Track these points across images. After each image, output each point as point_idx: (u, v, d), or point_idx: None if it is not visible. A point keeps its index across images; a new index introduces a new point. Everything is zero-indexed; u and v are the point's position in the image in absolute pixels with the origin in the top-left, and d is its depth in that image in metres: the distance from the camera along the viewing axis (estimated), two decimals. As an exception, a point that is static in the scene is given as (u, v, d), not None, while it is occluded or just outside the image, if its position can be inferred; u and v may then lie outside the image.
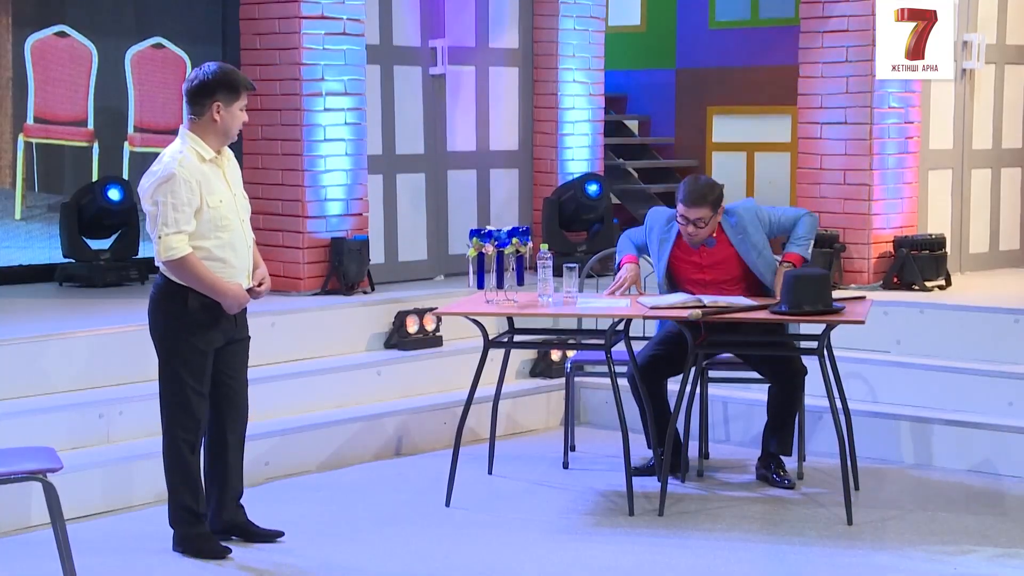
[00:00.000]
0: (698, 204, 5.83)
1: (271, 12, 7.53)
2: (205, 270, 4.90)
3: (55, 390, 6.05)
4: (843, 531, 5.46)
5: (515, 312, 5.78)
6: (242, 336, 5.17)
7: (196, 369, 4.98)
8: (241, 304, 5.02)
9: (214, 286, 4.92)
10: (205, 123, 4.96)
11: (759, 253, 5.96)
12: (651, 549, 5.24)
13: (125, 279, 7.92)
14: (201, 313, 4.95)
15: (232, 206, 5.01)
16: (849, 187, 7.83)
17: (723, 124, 10.67)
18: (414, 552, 5.22)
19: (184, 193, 4.85)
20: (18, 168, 8.21)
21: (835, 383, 5.78)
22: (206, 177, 4.93)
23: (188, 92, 4.97)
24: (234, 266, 5.00)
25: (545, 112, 8.96)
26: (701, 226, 5.86)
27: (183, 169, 4.87)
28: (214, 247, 4.94)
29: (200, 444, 5.07)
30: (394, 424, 6.75)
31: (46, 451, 4.61)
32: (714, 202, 5.86)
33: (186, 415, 5.00)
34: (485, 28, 8.70)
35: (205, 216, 4.91)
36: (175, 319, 4.95)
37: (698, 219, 5.84)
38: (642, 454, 6.33)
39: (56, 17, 8.31)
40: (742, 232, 5.94)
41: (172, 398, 5.00)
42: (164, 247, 4.85)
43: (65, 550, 4.41)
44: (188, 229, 4.87)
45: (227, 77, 4.96)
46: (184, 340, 4.95)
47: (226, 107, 4.95)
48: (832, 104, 7.83)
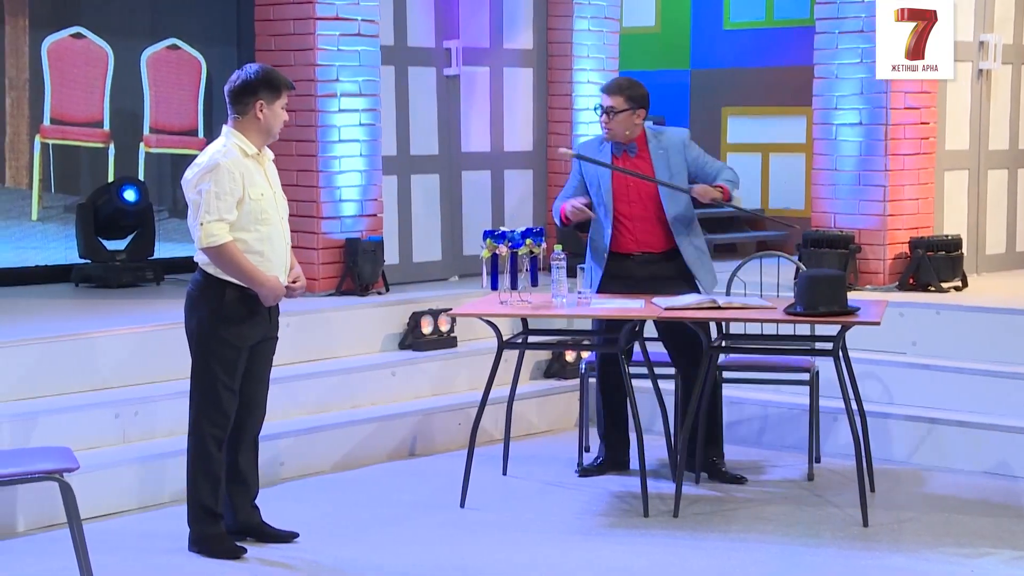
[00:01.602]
0: (612, 92, 5.99)
1: (286, 13, 7.54)
2: (244, 259, 4.95)
3: (71, 390, 6.07)
4: (859, 533, 5.45)
5: (529, 313, 5.78)
6: (272, 335, 5.21)
7: (229, 365, 5.01)
8: (278, 296, 5.06)
9: (252, 276, 4.96)
10: (248, 121, 5.05)
11: (671, 176, 6.02)
12: (666, 550, 5.23)
13: (141, 280, 7.94)
14: (238, 306, 5.00)
15: (272, 202, 5.08)
16: (865, 188, 7.81)
17: (738, 125, 10.66)
18: (428, 553, 5.22)
19: (227, 182, 4.92)
20: (35, 169, 8.23)
21: (850, 384, 5.77)
22: (248, 170, 5.02)
23: (231, 92, 5.06)
24: (271, 260, 5.05)
25: (559, 113, 8.96)
26: (611, 115, 5.97)
27: (227, 160, 4.96)
28: (253, 240, 5.00)
29: (225, 440, 5.09)
30: (408, 425, 6.75)
31: (63, 451, 4.63)
32: (631, 97, 5.97)
33: (216, 410, 5.03)
34: (499, 29, 8.71)
35: (246, 208, 4.97)
36: (212, 313, 5.00)
37: (610, 107, 5.96)
38: (658, 456, 6.33)
39: (72, 19, 8.34)
40: (664, 150, 6.03)
41: (203, 392, 5.04)
42: (205, 234, 4.91)
43: (81, 549, 4.42)
44: (230, 218, 4.93)
45: (269, 76, 5.07)
46: (219, 335, 5.00)
47: (268, 105, 5.05)
48: (847, 105, 7.81)
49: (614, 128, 6.01)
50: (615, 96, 5.99)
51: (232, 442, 5.14)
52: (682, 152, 6.07)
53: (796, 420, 6.76)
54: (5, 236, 8.15)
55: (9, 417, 5.66)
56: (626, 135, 6.02)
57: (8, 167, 8.18)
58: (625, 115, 5.98)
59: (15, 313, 6.92)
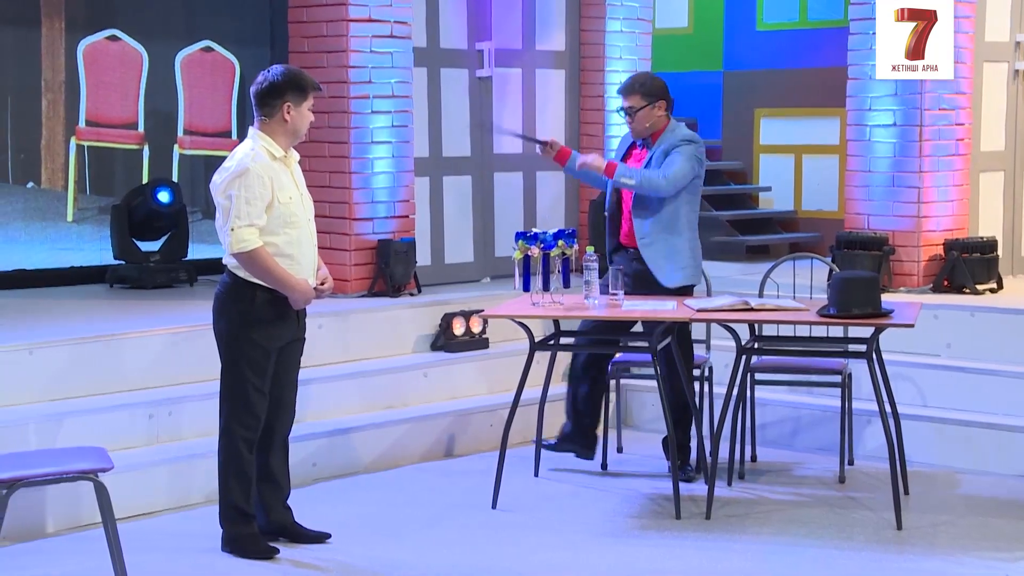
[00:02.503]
0: (628, 92, 6.07)
1: (319, 15, 7.57)
2: (275, 263, 4.97)
3: (106, 391, 6.11)
4: (893, 536, 5.41)
5: (561, 314, 5.78)
6: (300, 337, 5.22)
7: (259, 367, 5.03)
8: (308, 299, 5.08)
9: (283, 280, 4.98)
10: (275, 123, 5.05)
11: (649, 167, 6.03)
12: (698, 553, 5.22)
13: (174, 281, 7.98)
14: (268, 309, 5.01)
15: (300, 205, 5.09)
16: (899, 189, 7.77)
17: (771, 126, 10.62)
18: (460, 553, 5.22)
19: (257, 187, 4.93)
20: (70, 171, 8.30)
21: (884, 386, 5.74)
22: (277, 174, 5.02)
23: (258, 94, 5.07)
24: (300, 263, 5.06)
25: (592, 114, 8.95)
26: (632, 115, 6.04)
27: (256, 164, 4.96)
28: (283, 243, 5.01)
29: (256, 442, 5.11)
30: (441, 426, 6.76)
31: (97, 451, 4.66)
32: (645, 93, 6.05)
33: (247, 412, 5.05)
34: (532, 30, 8.71)
35: (275, 212, 4.98)
36: (242, 315, 5.01)
37: (629, 107, 6.04)
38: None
39: (108, 21, 8.40)
40: (663, 146, 6.05)
41: (234, 395, 5.05)
42: (236, 239, 4.92)
43: (116, 549, 4.45)
44: (259, 223, 4.94)
45: (295, 78, 5.07)
46: (249, 337, 5.01)
47: (295, 107, 5.05)
48: (881, 106, 7.77)
49: (637, 126, 6.08)
50: (632, 95, 6.06)
51: (262, 444, 5.16)
52: (664, 158, 6.07)
53: (828, 422, 6.73)
54: (41, 237, 8.22)
55: (45, 417, 5.71)
56: (648, 129, 6.07)
57: (44, 169, 8.25)
58: (645, 111, 6.05)
59: (51, 314, 6.98)
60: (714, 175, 10.71)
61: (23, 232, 8.16)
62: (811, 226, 10.28)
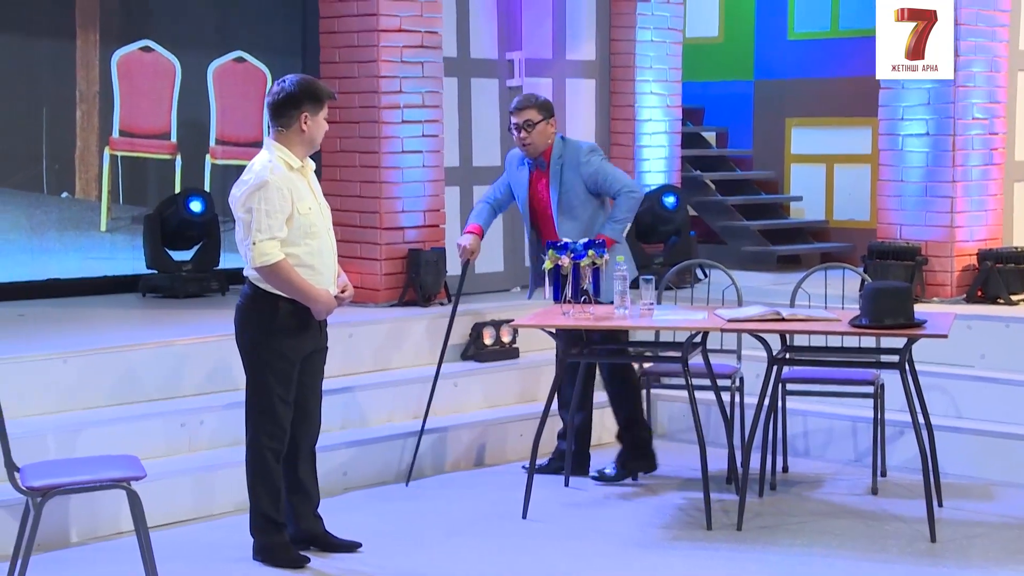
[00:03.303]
0: (523, 108, 6.12)
1: (350, 25, 7.60)
2: (297, 276, 4.97)
3: (138, 399, 6.14)
4: (926, 548, 5.37)
5: (591, 324, 5.77)
6: (323, 347, 5.22)
7: (283, 377, 5.03)
8: (330, 310, 5.08)
9: (306, 292, 4.98)
10: (292, 134, 5.04)
11: (562, 192, 6.12)
12: (729, 564, 5.20)
13: (206, 290, 8.02)
14: (291, 320, 5.01)
15: (319, 214, 5.08)
16: (931, 199, 7.72)
17: (802, 136, 10.58)
18: (490, 563, 5.22)
19: (277, 200, 4.92)
20: (104, 181, 8.36)
21: (917, 397, 5.70)
22: (295, 185, 5.01)
23: (274, 105, 5.04)
24: (322, 273, 5.06)
25: (622, 124, 8.95)
26: (529, 129, 6.09)
27: (275, 176, 4.94)
28: (304, 254, 5.01)
29: (284, 452, 5.12)
30: (471, 435, 6.76)
31: (130, 459, 4.68)
32: (541, 107, 6.14)
33: (272, 423, 5.05)
34: (562, 40, 8.71)
35: (296, 223, 4.98)
36: (265, 327, 5.01)
37: (526, 122, 6.09)
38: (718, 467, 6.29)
39: (141, 32, 8.46)
40: (561, 165, 6.14)
41: (259, 406, 5.06)
42: (258, 253, 4.91)
43: (148, 557, 4.47)
44: (281, 235, 4.94)
45: (311, 88, 5.05)
46: (273, 348, 5.01)
47: (312, 117, 5.04)
48: (913, 115, 7.74)
49: (535, 140, 6.14)
50: (528, 110, 6.13)
51: (290, 454, 5.16)
52: (577, 168, 6.13)
53: (861, 433, 6.70)
54: (75, 247, 8.28)
55: (78, 425, 5.75)
56: (543, 144, 6.15)
57: (78, 179, 8.31)
58: (541, 125, 6.12)
59: (84, 323, 7.02)
60: (745, 184, 10.70)
61: (57, 242, 8.23)
62: (843, 236, 10.24)
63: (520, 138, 6.14)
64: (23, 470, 4.46)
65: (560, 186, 6.11)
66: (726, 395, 6.23)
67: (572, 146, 6.22)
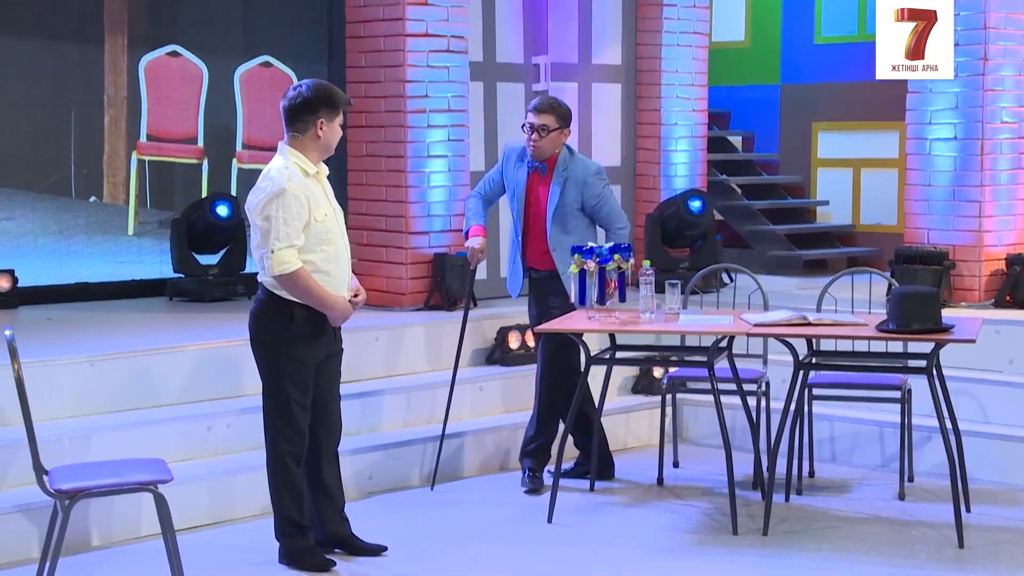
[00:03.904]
0: (544, 111, 6.05)
1: (376, 30, 7.62)
2: (316, 283, 4.97)
3: (165, 403, 6.17)
4: (954, 554, 5.34)
5: (617, 329, 5.76)
6: (338, 350, 5.23)
7: (299, 382, 5.04)
8: (347, 317, 5.08)
9: (324, 299, 4.98)
10: (308, 139, 5.03)
11: (559, 205, 6.09)
12: (755, 569, 5.18)
13: (232, 294, 8.05)
14: (306, 326, 5.01)
15: (334, 220, 5.08)
16: (959, 204, 7.68)
17: (829, 140, 10.55)
18: (515, 568, 5.22)
19: (295, 208, 4.91)
20: (131, 185, 8.40)
21: (945, 402, 5.67)
22: (311, 191, 5.00)
23: (290, 109, 5.03)
24: (337, 278, 5.07)
25: (648, 128, 8.94)
26: (544, 134, 6.04)
27: (292, 184, 4.93)
28: (320, 260, 5.01)
29: (304, 456, 5.12)
30: (497, 439, 6.76)
31: (157, 463, 4.70)
32: (560, 116, 6.09)
33: (291, 427, 5.06)
34: (588, 45, 8.71)
35: (312, 230, 4.97)
36: (280, 333, 5.01)
37: (542, 126, 6.03)
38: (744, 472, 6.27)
39: (169, 37, 8.51)
40: (565, 177, 6.10)
41: (277, 411, 5.06)
42: (277, 261, 4.90)
43: (175, 561, 4.48)
44: (299, 243, 4.93)
45: (327, 94, 5.04)
46: (288, 354, 5.01)
47: (328, 123, 5.03)
48: (941, 119, 7.70)
49: (544, 146, 6.09)
50: (547, 115, 6.06)
51: (312, 458, 5.17)
52: (580, 186, 6.11)
53: (888, 438, 6.67)
54: (102, 251, 8.32)
55: (105, 428, 5.77)
56: (551, 152, 6.11)
57: (106, 183, 8.36)
58: (555, 134, 6.08)
59: (112, 327, 7.06)
60: (771, 189, 10.67)
61: (85, 245, 8.27)
62: (869, 240, 10.20)
63: (532, 139, 6.10)
64: (51, 473, 4.48)
65: (561, 197, 6.09)
66: (752, 400, 6.20)
67: (580, 163, 6.17)
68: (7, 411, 5.40)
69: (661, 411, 6.57)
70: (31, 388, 4.56)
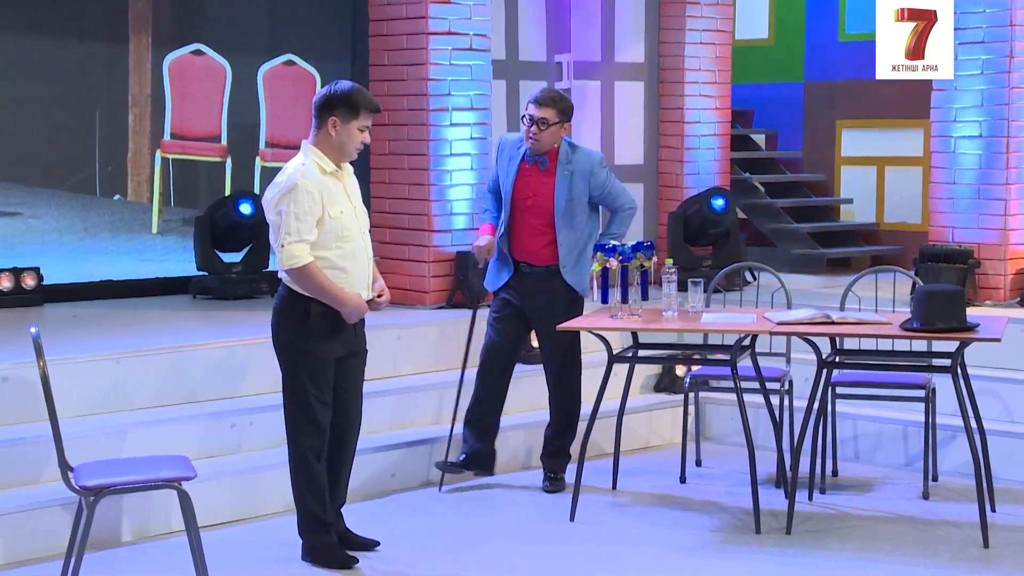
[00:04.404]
0: (546, 104, 5.97)
1: (399, 29, 7.63)
2: (326, 279, 4.98)
3: (188, 400, 6.19)
4: (979, 554, 5.32)
5: (639, 327, 5.76)
6: (360, 349, 5.23)
7: (318, 377, 5.05)
8: (360, 314, 5.08)
9: (335, 295, 5.00)
10: (323, 137, 5.06)
11: (569, 198, 6.03)
12: (778, 568, 5.17)
13: (256, 292, 8.07)
14: (322, 321, 5.03)
15: (353, 218, 5.09)
16: (984, 202, 7.65)
17: (852, 138, 10.51)
18: (537, 566, 5.22)
19: (306, 203, 4.93)
20: (155, 183, 8.44)
21: (969, 401, 5.64)
22: (327, 188, 5.02)
23: (314, 105, 5.08)
24: (354, 276, 5.07)
25: (671, 126, 8.92)
26: (543, 127, 5.95)
27: (305, 180, 4.96)
28: (335, 257, 5.02)
29: (324, 451, 5.14)
30: (519, 437, 6.76)
31: (181, 460, 4.72)
32: (561, 110, 6.00)
33: (311, 422, 5.08)
34: (611, 43, 8.70)
35: (327, 226, 4.99)
36: (297, 329, 5.04)
37: (542, 119, 5.95)
38: (767, 470, 6.26)
39: (193, 36, 8.54)
40: (571, 169, 6.03)
41: (296, 406, 5.09)
42: (287, 255, 4.94)
43: (199, 557, 4.50)
44: (310, 238, 4.95)
45: (349, 95, 5.04)
46: (305, 349, 5.04)
47: (343, 123, 5.02)
48: (967, 117, 7.66)
49: (543, 139, 6.00)
50: (548, 108, 5.98)
51: (330, 455, 5.18)
52: (587, 178, 6.05)
53: (911, 437, 6.64)
54: (127, 249, 8.36)
55: (130, 426, 5.80)
56: (549, 145, 6.03)
57: (130, 181, 8.40)
58: (555, 128, 5.99)
59: (136, 324, 7.09)
60: (795, 187, 10.63)
61: (110, 244, 8.31)
62: (893, 239, 10.16)
63: (531, 132, 6.00)
64: (76, 470, 4.51)
65: (569, 191, 6.05)
66: (775, 398, 6.19)
67: (583, 154, 6.12)
68: (33, 408, 5.43)
69: (684, 409, 6.56)
70: (56, 385, 4.59)
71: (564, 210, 6.04)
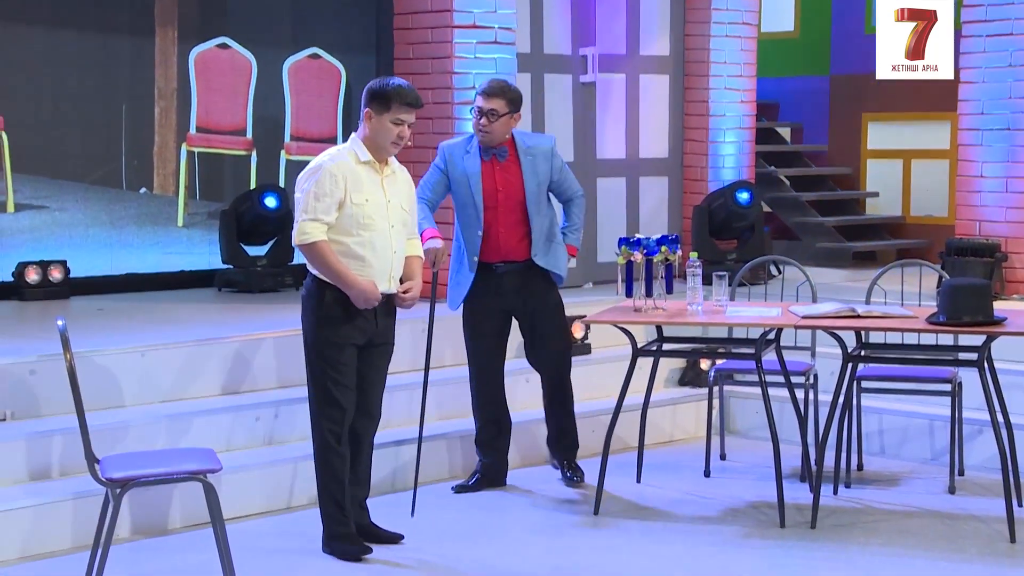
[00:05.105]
0: (494, 95, 5.86)
1: (424, 22, 7.64)
2: (335, 260, 5.02)
3: (213, 393, 6.22)
4: (1006, 549, 5.29)
5: (664, 321, 5.75)
6: (383, 341, 5.24)
7: (334, 362, 5.09)
8: (368, 300, 5.08)
9: (342, 276, 5.03)
10: (363, 129, 5.14)
11: (538, 184, 5.96)
12: (803, 563, 5.15)
13: (281, 285, 8.10)
14: (336, 307, 5.07)
15: (381, 209, 5.09)
16: (1012, 195, 7.60)
17: (879, 131, 10.46)
18: (562, 559, 5.22)
19: (327, 184, 5.00)
20: (181, 176, 8.47)
21: (996, 396, 5.61)
22: (356, 176, 5.06)
23: (362, 96, 5.17)
24: (372, 266, 5.09)
25: (696, 119, 8.90)
26: (493, 118, 5.85)
27: (333, 164, 5.04)
28: (354, 244, 5.06)
29: (344, 436, 5.15)
30: (543, 431, 6.75)
31: (206, 452, 4.74)
32: (510, 100, 5.89)
33: (330, 405, 5.11)
34: (636, 36, 8.68)
35: (347, 211, 5.03)
36: (315, 314, 5.11)
37: (491, 110, 5.84)
38: (792, 465, 6.25)
39: (219, 29, 8.56)
40: (532, 157, 5.95)
41: (316, 389, 5.14)
42: (299, 231, 5.02)
43: (224, 550, 4.52)
44: (326, 219, 5.00)
45: (384, 89, 5.08)
46: (321, 335, 5.10)
47: (376, 117, 5.07)
48: (994, 110, 7.61)
49: (494, 131, 5.89)
50: (496, 99, 5.87)
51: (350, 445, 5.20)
52: (548, 160, 6.00)
53: (938, 431, 6.61)
54: (152, 242, 8.40)
55: (155, 418, 5.83)
56: (501, 137, 5.93)
57: (156, 175, 8.43)
58: (505, 119, 5.89)
59: (161, 317, 7.12)
60: (820, 180, 10.59)
61: (136, 236, 8.35)
62: (919, 232, 10.11)
63: (480, 124, 5.88)
64: (102, 462, 4.53)
65: (536, 176, 5.96)
66: (800, 392, 6.17)
67: (538, 138, 6.11)
68: (60, 400, 5.46)
69: (708, 403, 6.54)
70: (83, 378, 4.61)
71: (536, 196, 5.98)
